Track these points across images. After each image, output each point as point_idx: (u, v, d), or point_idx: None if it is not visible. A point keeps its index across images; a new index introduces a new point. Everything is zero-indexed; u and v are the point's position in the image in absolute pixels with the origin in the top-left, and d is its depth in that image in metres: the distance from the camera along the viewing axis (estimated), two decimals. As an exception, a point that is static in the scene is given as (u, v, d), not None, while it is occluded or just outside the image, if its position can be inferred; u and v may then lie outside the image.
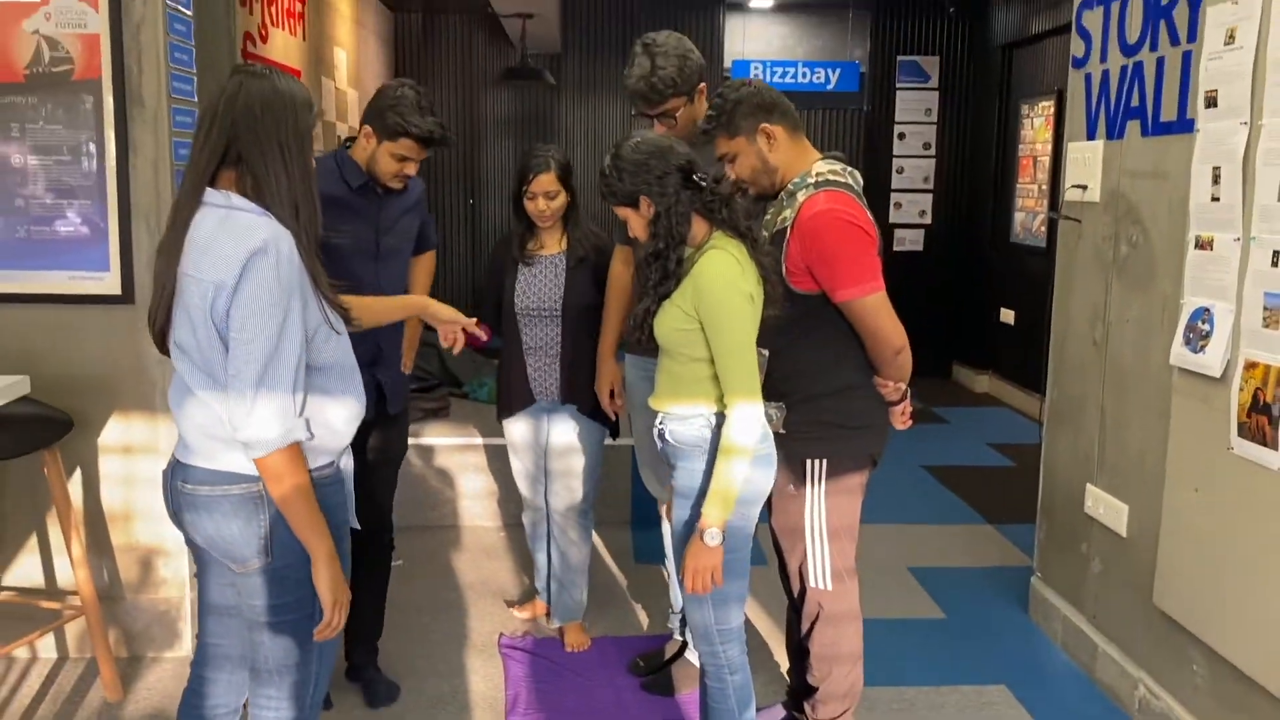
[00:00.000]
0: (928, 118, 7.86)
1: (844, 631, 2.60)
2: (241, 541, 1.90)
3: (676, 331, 2.23)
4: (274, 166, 1.82)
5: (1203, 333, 2.65)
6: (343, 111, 6.11)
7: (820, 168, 2.46)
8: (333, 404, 1.95)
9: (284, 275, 1.77)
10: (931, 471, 5.57)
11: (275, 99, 1.84)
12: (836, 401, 2.46)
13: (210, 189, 1.84)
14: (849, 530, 2.56)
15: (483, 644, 3.46)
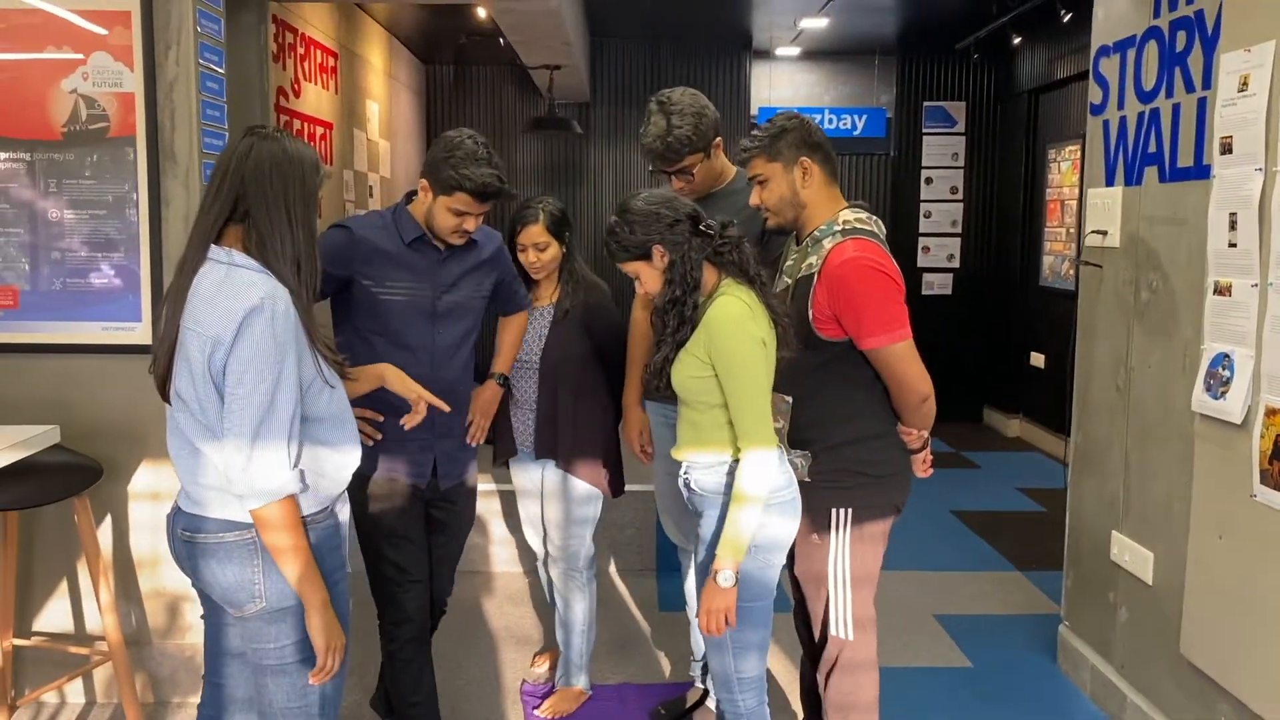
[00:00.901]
0: (955, 162, 7.88)
1: (861, 681, 2.58)
2: (237, 586, 1.97)
3: (692, 380, 2.25)
4: (279, 225, 1.91)
5: (1223, 379, 2.64)
6: (374, 162, 6.23)
7: (847, 215, 2.48)
8: (328, 453, 2.02)
9: (279, 331, 1.85)
10: (960, 517, 5.52)
11: (284, 160, 1.93)
12: (861, 450, 2.46)
13: (215, 245, 1.92)
14: (871, 579, 2.55)
15: (505, 690, 3.46)
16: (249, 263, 1.91)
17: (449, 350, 2.73)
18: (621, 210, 2.28)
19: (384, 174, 6.47)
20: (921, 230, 7.94)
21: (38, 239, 3.12)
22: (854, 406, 2.45)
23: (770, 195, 2.50)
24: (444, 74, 7.86)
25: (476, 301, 2.80)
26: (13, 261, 3.13)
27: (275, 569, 1.95)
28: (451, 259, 2.71)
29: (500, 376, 3.00)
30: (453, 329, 2.73)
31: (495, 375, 3.00)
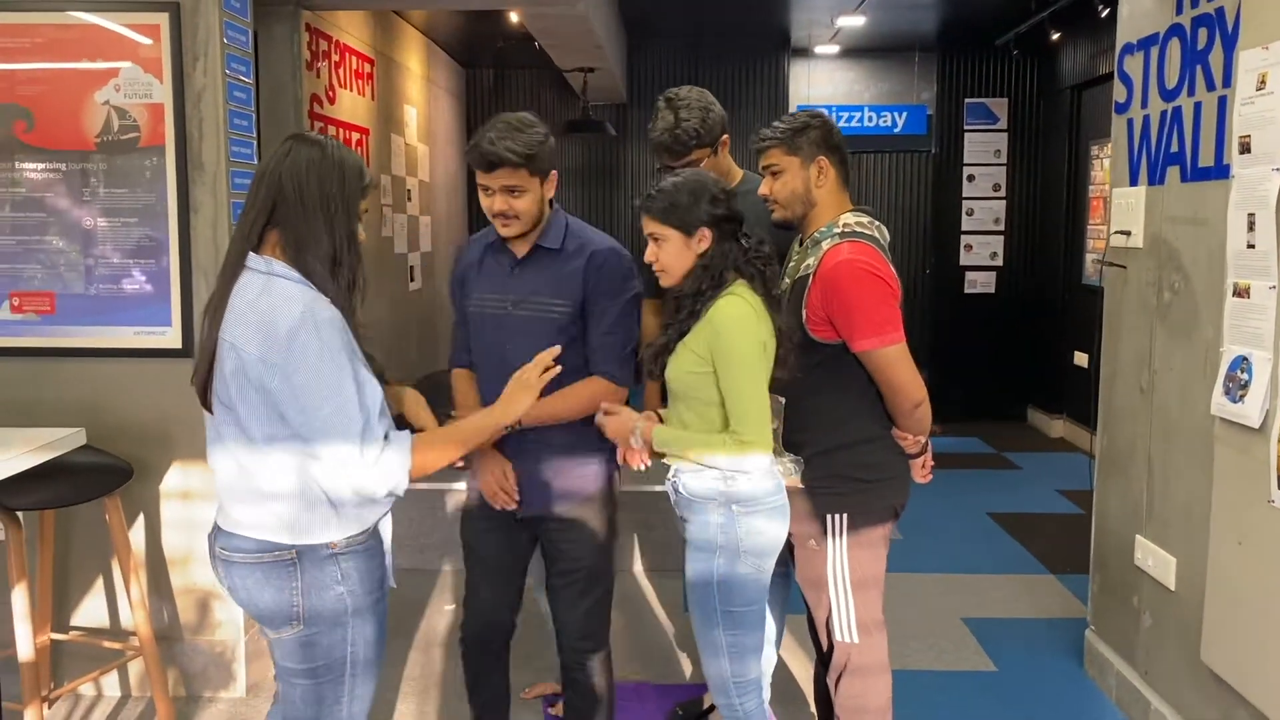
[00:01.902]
0: (997, 159, 7.79)
1: (871, 684, 2.58)
2: (275, 609, 1.95)
3: (689, 374, 2.26)
4: (315, 227, 1.87)
5: (1241, 382, 2.59)
6: (412, 166, 6.31)
7: (848, 219, 2.48)
8: None
9: (326, 337, 1.82)
10: (996, 519, 5.47)
11: (324, 163, 1.89)
12: (855, 454, 2.46)
13: (253, 254, 1.89)
14: (874, 581, 2.55)
15: (525, 685, 3.50)
16: (288, 272, 1.87)
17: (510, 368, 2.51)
18: (683, 180, 2.27)
19: (423, 178, 6.56)
20: (964, 228, 7.86)
21: (73, 246, 3.22)
22: (847, 410, 2.45)
23: (782, 188, 2.50)
24: (484, 78, 7.94)
25: (556, 316, 2.47)
26: (50, 269, 3.24)
27: (313, 591, 1.94)
28: (528, 267, 2.50)
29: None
30: (527, 346, 2.36)
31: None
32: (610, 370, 2.48)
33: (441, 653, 3.78)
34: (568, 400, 2.47)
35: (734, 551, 2.24)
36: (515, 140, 2.35)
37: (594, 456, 2.55)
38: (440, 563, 4.66)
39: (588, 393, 2.48)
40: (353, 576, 1.98)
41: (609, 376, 2.47)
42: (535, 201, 2.42)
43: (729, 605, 2.27)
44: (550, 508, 2.56)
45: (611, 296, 2.46)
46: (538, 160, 2.37)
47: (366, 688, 2.07)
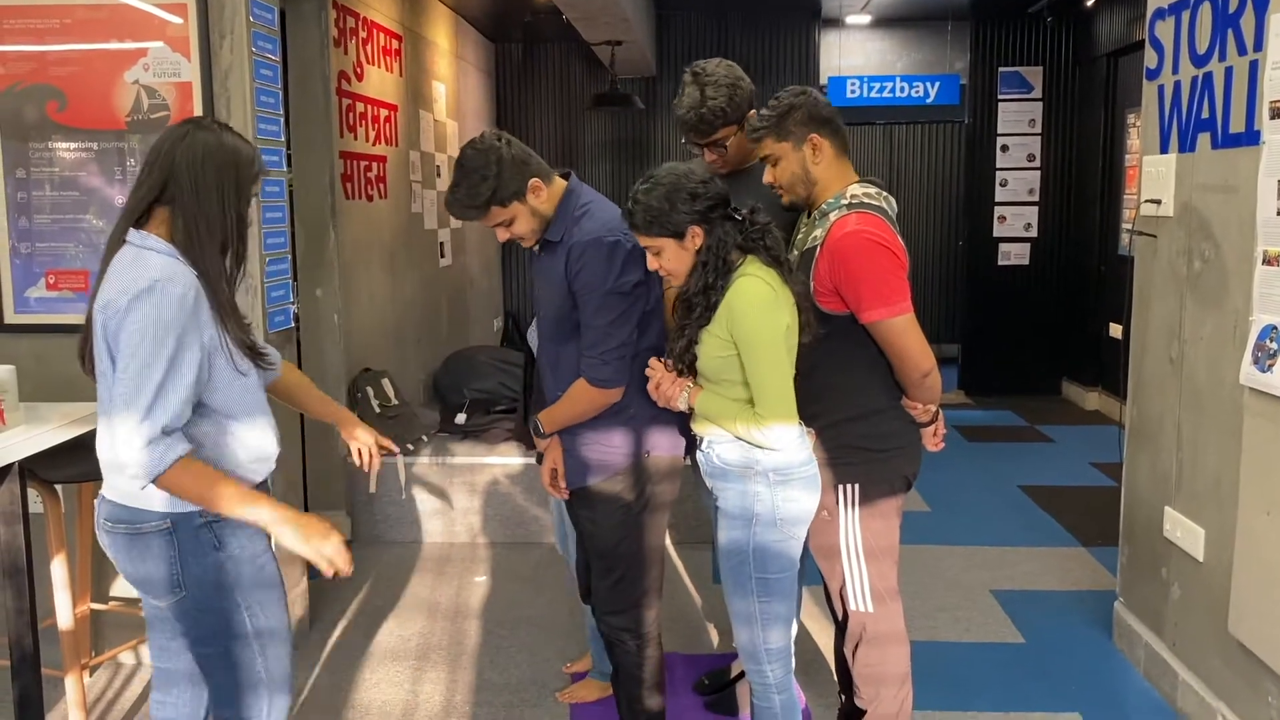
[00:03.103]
0: (1031, 129, 7.68)
1: (889, 653, 2.59)
2: (155, 578, 1.99)
3: (716, 359, 2.26)
4: (208, 210, 1.93)
5: (1270, 351, 2.56)
6: (441, 143, 6.34)
7: (855, 190, 2.47)
8: (238, 446, 2.02)
9: (166, 314, 1.84)
10: (1028, 492, 5.44)
11: (218, 150, 1.96)
12: (866, 425, 2.46)
13: (133, 229, 1.94)
14: (887, 551, 2.55)
15: (555, 657, 3.54)
16: (160, 246, 1.92)
17: (552, 366, 2.60)
18: (656, 183, 2.25)
19: (451, 154, 6.58)
20: (997, 199, 7.76)
21: (107, 225, 3.27)
22: (857, 381, 2.45)
23: (782, 174, 2.50)
24: (513, 52, 7.93)
25: (555, 311, 2.51)
26: (85, 247, 3.30)
27: (190, 558, 1.97)
28: (543, 260, 2.54)
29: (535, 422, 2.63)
30: (544, 341, 2.59)
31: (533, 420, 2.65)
32: (587, 371, 2.44)
33: (473, 624, 3.83)
34: (570, 407, 2.51)
35: (769, 520, 2.26)
36: (458, 199, 2.42)
37: (611, 435, 2.52)
38: (474, 536, 4.72)
39: (578, 395, 2.48)
40: (230, 543, 2.00)
41: (587, 378, 2.44)
42: (527, 219, 2.47)
43: (762, 573, 2.29)
44: (573, 484, 2.60)
45: (587, 291, 2.41)
46: (495, 197, 2.39)
47: (279, 647, 2.10)
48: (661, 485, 2.58)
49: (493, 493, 4.72)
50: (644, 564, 2.60)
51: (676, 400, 2.34)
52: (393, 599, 4.08)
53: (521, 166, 2.43)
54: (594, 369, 2.43)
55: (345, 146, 4.70)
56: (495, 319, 7.84)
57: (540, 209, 2.46)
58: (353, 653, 3.59)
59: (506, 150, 2.41)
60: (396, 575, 4.33)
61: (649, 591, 2.61)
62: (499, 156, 2.40)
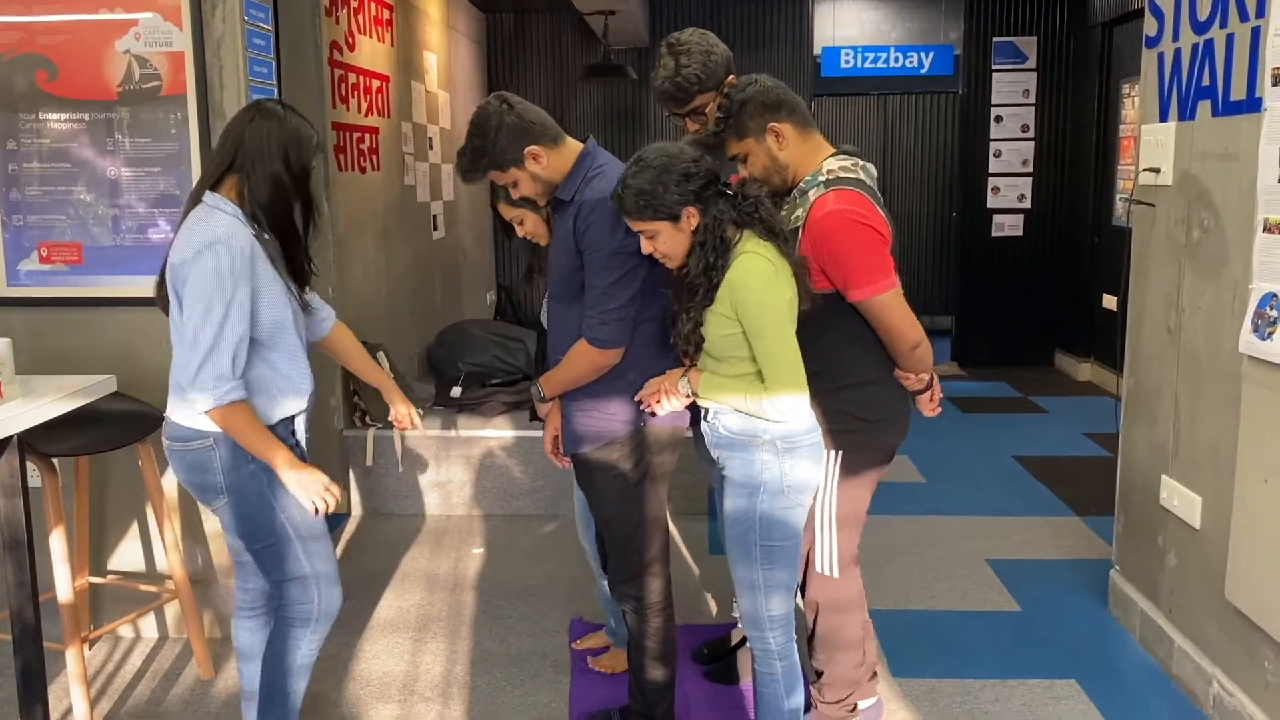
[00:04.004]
0: (1026, 99, 7.66)
1: (849, 619, 2.65)
2: (204, 486, 2.37)
3: (723, 338, 2.24)
4: (262, 185, 2.27)
5: (1270, 319, 2.56)
6: (433, 114, 6.29)
7: (831, 164, 2.47)
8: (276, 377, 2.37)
9: (231, 263, 2.19)
10: (1022, 462, 5.46)
11: (282, 132, 2.29)
12: (855, 394, 2.46)
13: (210, 191, 2.30)
14: (857, 519, 2.60)
15: (554, 628, 3.56)
16: (229, 207, 2.27)
17: (555, 327, 2.61)
18: (645, 166, 2.23)
19: (444, 125, 6.53)
20: (991, 170, 7.74)
21: (99, 197, 3.24)
22: (850, 356, 2.45)
23: (754, 168, 2.49)
24: (504, 22, 7.85)
25: (563, 270, 2.50)
26: (77, 219, 3.26)
27: (233, 472, 2.33)
28: (556, 220, 2.56)
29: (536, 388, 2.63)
30: (554, 304, 2.60)
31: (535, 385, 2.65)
32: (586, 330, 2.43)
33: (471, 595, 3.84)
34: (568, 370, 2.51)
35: (776, 489, 2.27)
36: (462, 162, 2.50)
37: (610, 402, 2.51)
38: (470, 508, 4.72)
39: (577, 356, 2.47)
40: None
41: (586, 337, 2.43)
42: (530, 183, 2.50)
43: (768, 541, 2.30)
44: (569, 450, 2.61)
45: (593, 249, 2.40)
46: (491, 162, 2.45)
47: (320, 545, 2.44)
48: (661, 456, 2.58)
49: (489, 465, 4.72)
50: (645, 534, 2.60)
51: (677, 388, 2.34)
52: (390, 571, 4.09)
53: (520, 135, 2.42)
54: (594, 328, 2.42)
55: (337, 118, 4.66)
56: (488, 292, 7.81)
57: (542, 174, 2.46)
58: (352, 624, 3.60)
59: (506, 117, 2.41)
60: (394, 547, 4.33)
61: (652, 562, 2.62)
62: (498, 124, 2.41)
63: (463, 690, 3.15)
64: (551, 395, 2.58)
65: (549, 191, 2.51)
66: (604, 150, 2.55)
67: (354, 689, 3.17)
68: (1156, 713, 3.00)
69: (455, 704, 3.08)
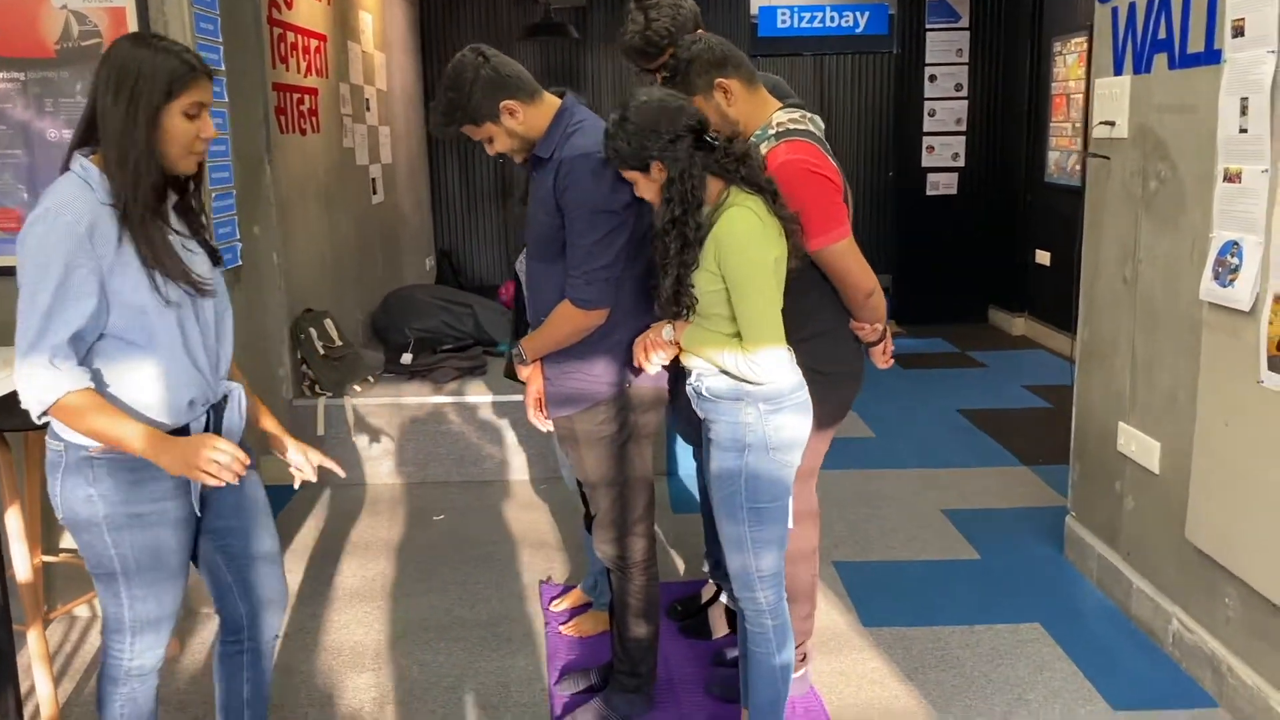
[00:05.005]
0: (959, 58, 7.73)
1: (799, 569, 2.70)
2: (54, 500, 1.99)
3: (707, 294, 2.21)
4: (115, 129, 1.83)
5: (1231, 266, 2.63)
6: (370, 75, 6.14)
7: (780, 117, 2.49)
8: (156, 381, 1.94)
9: (52, 243, 1.79)
10: (967, 415, 5.57)
11: (132, 62, 1.83)
12: (812, 346, 2.46)
13: (78, 154, 1.89)
14: (812, 471, 2.65)
15: (524, 591, 3.54)
16: (82, 172, 1.86)
17: (534, 287, 2.56)
18: (620, 116, 2.20)
19: (380, 86, 6.38)
20: (926, 129, 7.82)
21: (36, 160, 3.10)
22: (808, 306, 2.45)
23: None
24: (436, -19, 7.69)
25: (542, 229, 2.44)
26: (12, 185, 3.12)
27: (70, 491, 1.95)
28: (535, 179, 2.48)
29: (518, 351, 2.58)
30: (534, 264, 2.54)
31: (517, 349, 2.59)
32: (570, 291, 2.39)
33: (436, 562, 3.80)
34: (551, 332, 2.47)
35: (762, 448, 2.26)
36: (435, 115, 2.42)
37: (593, 364, 2.48)
38: (426, 475, 4.66)
39: (560, 317, 2.43)
40: (106, 483, 1.94)
41: (569, 298, 2.39)
42: (505, 139, 2.43)
43: (755, 501, 2.29)
44: (555, 414, 2.58)
45: (574, 207, 2.35)
46: (465, 116, 2.37)
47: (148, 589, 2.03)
48: (646, 415, 2.57)
49: (444, 432, 4.66)
50: (631, 495, 2.59)
51: (661, 338, 2.32)
52: (349, 541, 4.02)
53: (495, 89, 2.36)
54: (577, 289, 2.38)
55: (278, 78, 4.52)
56: (427, 258, 7.69)
57: (518, 129, 2.40)
58: (317, 595, 3.54)
59: (481, 70, 2.35)
60: (351, 517, 4.26)
61: (637, 522, 2.61)
62: (473, 76, 2.35)
63: (438, 657, 3.13)
64: (534, 358, 2.55)
65: (526, 148, 2.46)
66: (582, 105, 2.50)
67: (326, 660, 3.13)
68: (1118, 651, 3.10)
69: (431, 670, 3.05)
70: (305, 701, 2.91)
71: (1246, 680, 2.66)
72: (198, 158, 1.94)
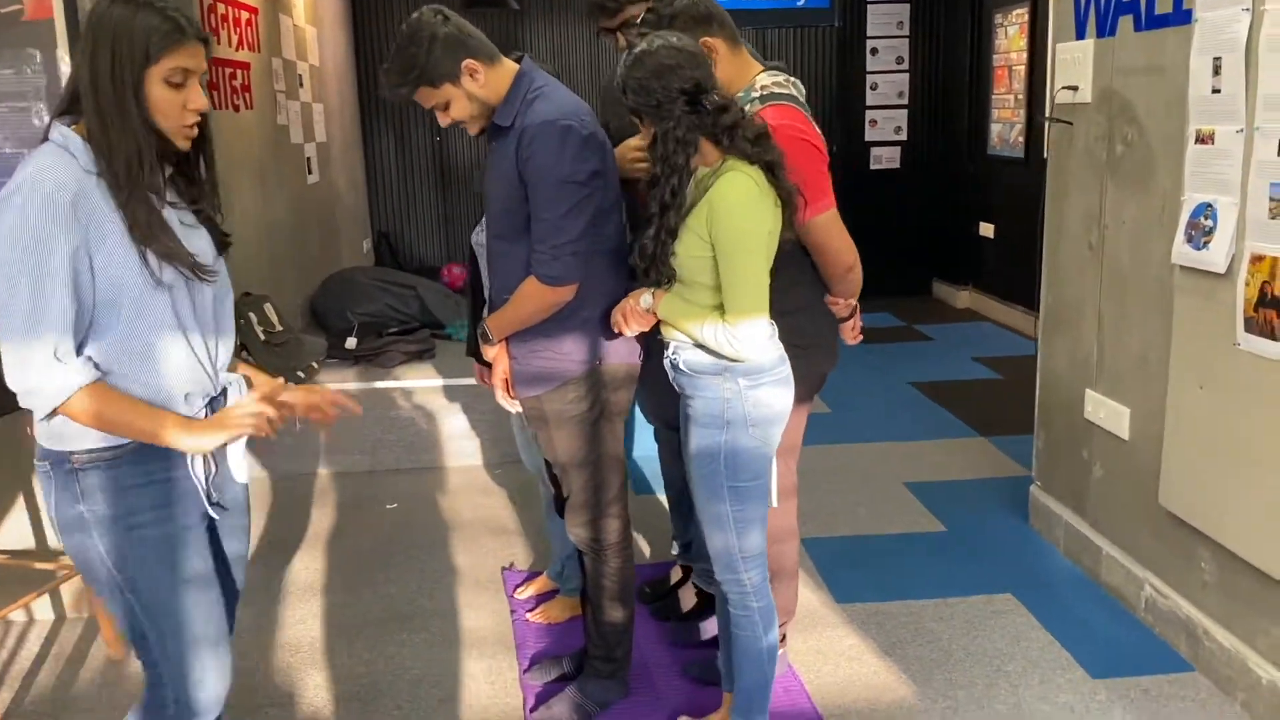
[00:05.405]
0: (900, 31, 7.72)
1: (785, 548, 2.65)
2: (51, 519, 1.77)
3: (692, 259, 2.12)
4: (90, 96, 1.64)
5: (1205, 229, 2.61)
6: (302, 50, 5.92)
7: (763, 80, 2.41)
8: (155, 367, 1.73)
9: (36, 219, 1.58)
10: (919, 388, 5.56)
11: (115, 21, 1.63)
12: (789, 321, 2.38)
13: (58, 123, 1.69)
14: (793, 448, 2.59)
15: (486, 580, 3.43)
16: (61, 138, 1.66)
17: (496, 264, 2.44)
18: (629, 63, 2.09)
19: (313, 62, 6.16)
20: (868, 103, 7.81)
21: (-43, 136, 2.90)
22: (784, 281, 2.35)
23: None
24: (368, -46, 7.44)
25: (502, 200, 2.32)
26: (-71, 162, 2.91)
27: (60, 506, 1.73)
28: (494, 149, 2.35)
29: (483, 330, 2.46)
30: (495, 241, 2.41)
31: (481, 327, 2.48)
32: (537, 267, 2.26)
33: (392, 552, 3.67)
34: (517, 309, 2.34)
35: (742, 424, 2.17)
36: (389, 75, 2.25)
37: (562, 341, 2.37)
38: (375, 463, 4.51)
39: (527, 294, 2.30)
40: (95, 496, 1.72)
41: (536, 274, 2.26)
42: (464, 103, 2.28)
43: (735, 480, 2.20)
44: (523, 395, 2.46)
45: (539, 178, 2.21)
46: (423, 76, 2.22)
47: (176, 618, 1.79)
48: (617, 393, 2.47)
49: (393, 418, 4.51)
50: (604, 475, 2.49)
51: (639, 306, 2.22)
52: (300, 533, 3.87)
53: (456, 46, 2.23)
54: (544, 265, 2.26)
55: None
56: (365, 239, 7.48)
57: (479, 94, 2.27)
58: (267, 591, 3.39)
59: (441, 28, 2.21)
60: (300, 508, 4.10)
61: (611, 503, 2.52)
62: (431, 34, 2.20)
63: (401, 650, 3.00)
64: (500, 337, 2.43)
65: (484, 116, 2.32)
66: (541, 70, 2.38)
67: (283, 657, 2.99)
68: (1091, 619, 3.08)
69: (394, 664, 2.93)
70: (264, 701, 2.77)
71: (1224, 643, 2.66)
72: (189, 132, 1.72)
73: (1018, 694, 2.71)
